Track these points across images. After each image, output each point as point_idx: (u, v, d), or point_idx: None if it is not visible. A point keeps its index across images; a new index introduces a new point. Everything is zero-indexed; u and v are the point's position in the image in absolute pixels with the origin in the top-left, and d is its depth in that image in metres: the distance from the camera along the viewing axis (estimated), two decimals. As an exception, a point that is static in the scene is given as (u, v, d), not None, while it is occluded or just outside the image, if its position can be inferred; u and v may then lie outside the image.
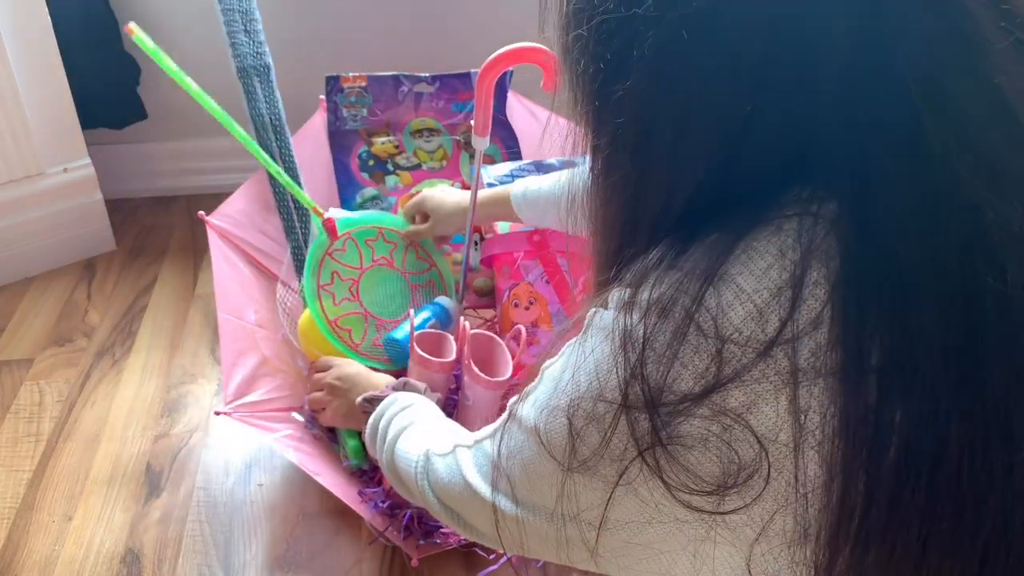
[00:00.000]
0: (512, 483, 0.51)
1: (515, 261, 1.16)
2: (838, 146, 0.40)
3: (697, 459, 0.41)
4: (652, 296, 0.42)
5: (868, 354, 0.38)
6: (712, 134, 0.42)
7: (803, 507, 0.40)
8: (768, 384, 0.39)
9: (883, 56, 0.38)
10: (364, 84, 1.28)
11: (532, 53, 1.13)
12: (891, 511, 0.38)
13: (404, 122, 1.31)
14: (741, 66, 0.40)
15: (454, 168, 1.33)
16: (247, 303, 1.14)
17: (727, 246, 0.42)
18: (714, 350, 0.40)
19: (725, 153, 0.42)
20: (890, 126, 0.38)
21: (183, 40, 1.63)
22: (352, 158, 1.30)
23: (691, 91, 0.41)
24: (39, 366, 1.31)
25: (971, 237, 0.37)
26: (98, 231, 1.58)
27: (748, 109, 0.40)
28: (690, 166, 0.43)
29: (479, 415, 1.04)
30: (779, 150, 0.41)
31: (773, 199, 0.42)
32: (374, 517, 0.99)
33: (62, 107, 1.46)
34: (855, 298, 0.38)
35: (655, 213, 0.45)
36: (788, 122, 0.41)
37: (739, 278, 0.41)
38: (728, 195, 0.43)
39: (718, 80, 0.40)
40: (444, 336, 1.08)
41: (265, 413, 1.06)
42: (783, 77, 0.39)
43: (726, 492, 0.41)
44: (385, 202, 1.30)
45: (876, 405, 0.37)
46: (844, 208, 0.40)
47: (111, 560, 1.00)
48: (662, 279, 0.42)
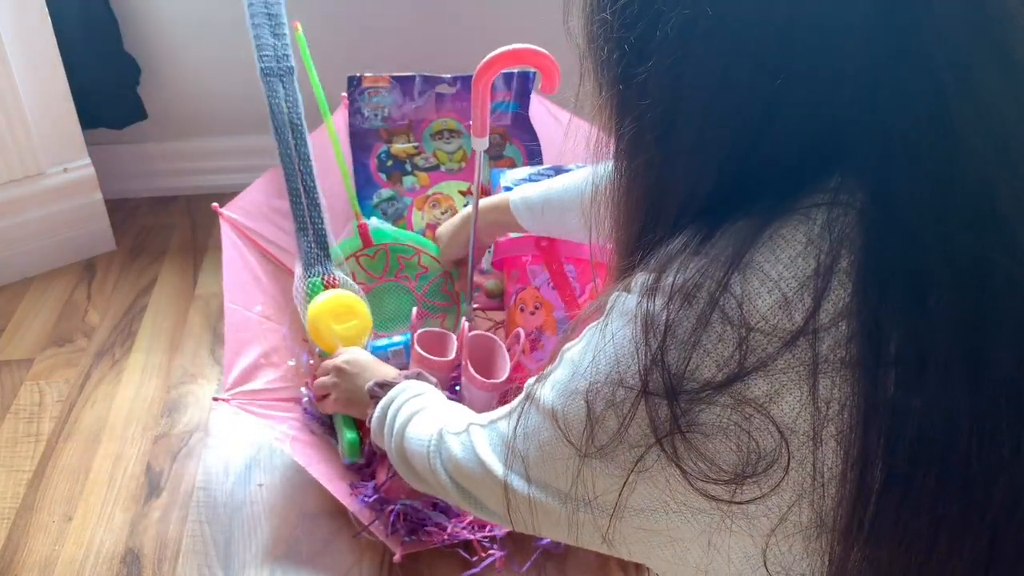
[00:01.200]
0: (526, 463, 0.51)
1: (523, 265, 1.16)
2: (865, 130, 0.39)
3: (716, 448, 0.41)
4: (676, 281, 0.41)
5: (888, 342, 0.37)
6: (736, 119, 0.41)
7: (820, 497, 0.40)
8: (793, 374, 0.39)
9: (908, 32, 0.38)
10: (386, 84, 1.28)
11: (528, 55, 1.13)
12: (904, 497, 0.38)
13: (426, 123, 1.31)
14: (764, 49, 0.39)
15: (472, 170, 1.33)
16: (255, 294, 1.15)
17: (754, 233, 0.41)
18: (739, 338, 0.40)
19: (750, 139, 0.41)
20: (914, 104, 0.38)
21: (184, 40, 1.63)
22: (372, 158, 1.30)
23: (714, 73, 0.41)
24: (39, 366, 1.31)
25: (984, 214, 0.37)
26: (98, 231, 1.58)
27: (775, 86, 0.39)
28: (715, 151, 0.42)
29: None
30: (806, 135, 0.41)
31: (801, 187, 0.41)
32: (361, 511, 0.99)
33: (62, 107, 1.46)
34: (875, 286, 0.38)
35: (680, 199, 0.44)
36: (814, 105, 0.40)
37: (766, 265, 0.40)
38: (755, 182, 0.42)
39: (741, 62, 0.40)
40: (446, 335, 1.08)
41: (264, 402, 1.06)
42: (807, 59, 0.39)
43: (744, 481, 0.40)
44: (401, 202, 1.30)
45: (894, 393, 0.37)
46: (870, 196, 0.39)
47: (111, 560, 1.00)
48: (687, 264, 0.42)
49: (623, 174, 0.48)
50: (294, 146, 1.16)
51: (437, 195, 1.31)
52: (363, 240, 1.22)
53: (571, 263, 1.15)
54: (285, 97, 1.17)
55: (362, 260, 1.23)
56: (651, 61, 0.42)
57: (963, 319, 0.37)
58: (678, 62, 0.41)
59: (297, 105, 1.17)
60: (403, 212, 1.30)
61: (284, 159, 1.15)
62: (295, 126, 1.17)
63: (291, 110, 1.17)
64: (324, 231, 1.15)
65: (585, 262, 1.16)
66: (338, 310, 1.08)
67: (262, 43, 1.17)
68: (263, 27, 1.17)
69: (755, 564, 0.43)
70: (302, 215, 1.15)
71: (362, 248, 1.22)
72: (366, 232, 1.22)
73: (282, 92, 1.17)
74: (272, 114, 1.16)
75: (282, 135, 1.16)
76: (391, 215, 1.30)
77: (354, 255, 1.22)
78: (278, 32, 1.18)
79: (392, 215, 1.30)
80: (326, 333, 1.07)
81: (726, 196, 0.43)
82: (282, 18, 1.18)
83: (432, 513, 0.99)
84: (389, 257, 1.23)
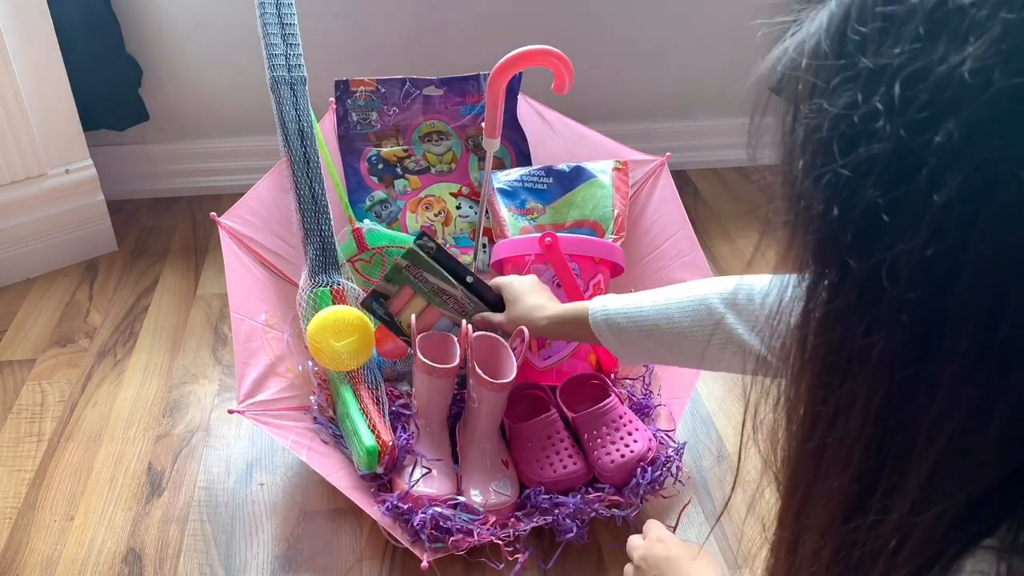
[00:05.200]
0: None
1: (526, 264, 1.16)
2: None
3: None
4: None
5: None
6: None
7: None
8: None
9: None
10: (373, 88, 1.28)
11: (544, 56, 1.14)
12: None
13: (413, 126, 1.31)
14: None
15: (463, 171, 1.33)
16: (259, 304, 1.15)
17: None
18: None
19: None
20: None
21: (185, 42, 1.64)
22: (362, 162, 1.30)
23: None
24: (41, 366, 1.31)
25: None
26: (100, 232, 1.58)
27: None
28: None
29: (486, 417, 1.05)
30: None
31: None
32: (383, 519, 0.99)
33: (64, 109, 1.47)
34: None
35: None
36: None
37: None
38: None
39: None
40: (447, 338, 1.08)
41: (277, 411, 1.06)
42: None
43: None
44: (394, 205, 1.31)
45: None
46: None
47: (112, 559, 1.00)
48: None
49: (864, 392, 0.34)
50: (303, 153, 1.16)
51: (429, 198, 1.32)
52: (358, 245, 1.22)
53: (575, 261, 1.16)
54: (295, 104, 1.17)
55: (358, 265, 1.23)
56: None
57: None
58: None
59: (307, 113, 1.18)
60: (396, 215, 1.30)
61: (294, 166, 1.15)
62: (304, 133, 1.17)
63: (301, 117, 1.17)
64: (332, 239, 1.15)
65: (589, 259, 1.16)
66: (337, 327, 1.07)
67: (273, 51, 1.17)
68: (275, 34, 1.17)
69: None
70: (310, 222, 1.15)
71: (357, 253, 1.23)
72: (361, 237, 1.21)
73: (292, 99, 1.17)
74: (282, 121, 1.16)
75: (292, 142, 1.16)
76: (385, 218, 1.30)
77: (350, 260, 1.22)
78: (291, 40, 1.18)
79: (386, 218, 1.30)
80: (326, 350, 1.07)
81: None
82: (295, 26, 1.19)
83: (458, 519, 0.99)
84: (385, 260, 1.23)
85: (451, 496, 1.01)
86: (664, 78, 1.81)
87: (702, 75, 1.80)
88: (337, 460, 1.06)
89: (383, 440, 1.02)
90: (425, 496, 0.99)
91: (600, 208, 1.20)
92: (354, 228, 1.22)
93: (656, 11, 1.72)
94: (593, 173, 1.22)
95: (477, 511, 1.00)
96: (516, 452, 1.08)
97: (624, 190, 1.23)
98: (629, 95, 1.82)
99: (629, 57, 1.77)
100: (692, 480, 1.11)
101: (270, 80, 1.17)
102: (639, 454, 1.04)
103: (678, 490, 1.08)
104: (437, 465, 1.04)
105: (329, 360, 1.07)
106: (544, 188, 1.23)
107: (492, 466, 1.05)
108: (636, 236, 1.27)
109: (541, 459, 1.06)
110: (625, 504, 1.02)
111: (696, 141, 1.81)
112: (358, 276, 1.23)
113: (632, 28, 1.73)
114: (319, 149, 1.19)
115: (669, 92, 1.83)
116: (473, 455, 1.05)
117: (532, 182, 1.23)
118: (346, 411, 1.07)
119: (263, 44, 1.17)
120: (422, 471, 1.02)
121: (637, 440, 1.06)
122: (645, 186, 1.29)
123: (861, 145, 0.31)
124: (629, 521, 1.03)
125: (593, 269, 1.17)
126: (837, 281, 0.33)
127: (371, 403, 1.08)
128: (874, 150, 0.30)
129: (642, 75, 1.80)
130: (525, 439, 1.08)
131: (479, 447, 1.05)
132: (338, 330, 1.07)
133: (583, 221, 1.21)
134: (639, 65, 1.79)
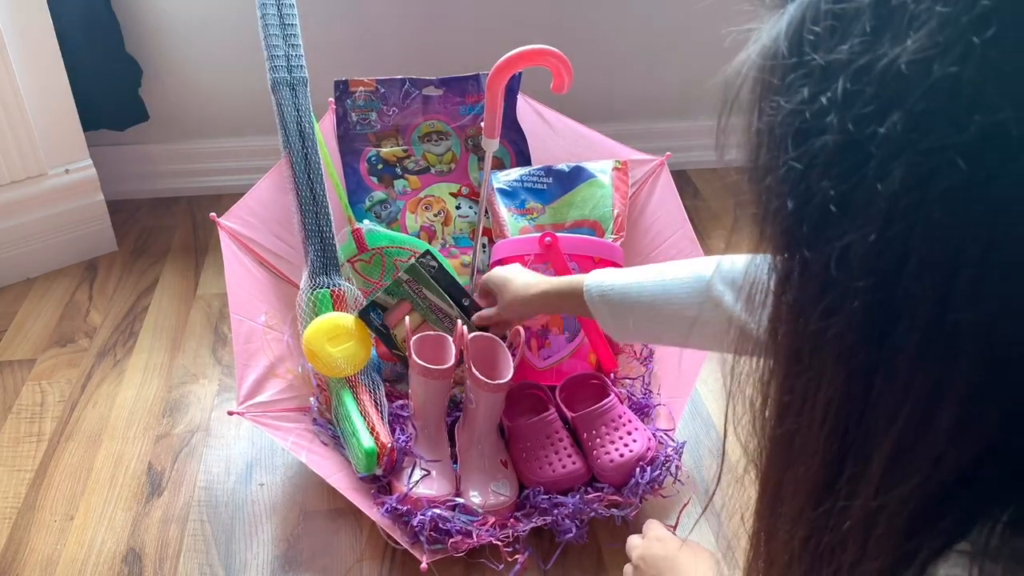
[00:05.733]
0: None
1: (525, 264, 1.16)
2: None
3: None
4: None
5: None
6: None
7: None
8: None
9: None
10: (372, 88, 1.28)
11: (543, 56, 1.14)
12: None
13: (413, 126, 1.31)
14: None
15: (462, 171, 1.33)
16: (258, 305, 1.15)
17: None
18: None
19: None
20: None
21: (185, 42, 1.64)
22: (361, 162, 1.30)
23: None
24: (41, 366, 1.31)
25: None
26: (100, 232, 1.58)
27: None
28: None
29: (484, 417, 1.05)
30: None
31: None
32: (383, 520, 0.99)
33: (64, 109, 1.47)
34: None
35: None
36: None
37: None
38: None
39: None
40: (442, 338, 1.08)
41: (276, 413, 1.06)
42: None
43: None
44: (393, 205, 1.30)
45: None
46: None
47: (112, 559, 1.00)
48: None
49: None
50: (304, 155, 1.16)
51: (429, 198, 1.32)
52: (358, 245, 1.22)
53: (575, 260, 1.16)
54: (296, 105, 1.17)
55: (358, 265, 1.23)
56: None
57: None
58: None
59: (308, 114, 1.18)
60: (396, 215, 1.30)
61: (295, 168, 1.15)
62: (305, 134, 1.17)
63: (302, 118, 1.17)
64: (333, 239, 1.15)
65: (588, 259, 1.16)
66: (333, 332, 1.07)
67: (275, 52, 1.17)
68: (276, 36, 1.17)
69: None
70: (311, 224, 1.15)
71: (357, 253, 1.23)
72: (360, 237, 1.21)
73: (293, 100, 1.17)
74: (283, 122, 1.16)
75: (292, 143, 1.16)
76: (385, 218, 1.30)
77: (349, 261, 1.22)
78: (292, 41, 1.18)
79: (386, 218, 1.30)
80: (322, 356, 1.07)
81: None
82: (296, 27, 1.19)
83: (457, 520, 0.99)
84: (385, 261, 1.22)
85: (450, 497, 1.01)
86: (664, 78, 1.81)
87: (702, 75, 1.79)
88: (337, 462, 1.06)
89: (382, 442, 1.02)
90: (424, 498, 0.99)
91: (600, 208, 1.20)
92: (354, 229, 1.21)
93: (656, 11, 1.72)
94: (593, 173, 1.22)
95: (476, 512, 1.00)
96: (515, 452, 1.08)
97: (624, 190, 1.23)
98: (629, 95, 1.82)
99: (629, 57, 1.77)
100: (691, 480, 1.11)
101: (271, 81, 1.17)
102: (638, 454, 1.04)
103: (677, 490, 1.08)
104: (435, 466, 1.04)
105: (325, 366, 1.07)
106: (544, 188, 1.23)
107: (491, 467, 1.05)
108: (636, 236, 1.27)
109: (540, 459, 1.06)
110: (624, 504, 1.03)
111: (696, 141, 1.81)
112: (358, 276, 1.23)
113: (632, 28, 1.73)
114: (321, 149, 1.19)
115: (669, 92, 1.83)
116: (471, 456, 1.06)
117: (532, 182, 1.23)
118: (345, 413, 1.07)
119: (264, 45, 1.17)
120: (421, 473, 1.02)
121: (636, 440, 1.06)
122: (645, 186, 1.29)
123: (813, 139, 0.32)
124: (628, 521, 1.03)
125: (593, 269, 1.17)
126: (799, 272, 0.34)
127: (370, 405, 1.08)
128: (825, 143, 0.31)
129: (642, 75, 1.80)
130: (524, 439, 1.08)
131: (477, 448, 1.05)
132: (334, 336, 1.07)
133: (583, 221, 1.21)
134: (639, 65, 1.79)
